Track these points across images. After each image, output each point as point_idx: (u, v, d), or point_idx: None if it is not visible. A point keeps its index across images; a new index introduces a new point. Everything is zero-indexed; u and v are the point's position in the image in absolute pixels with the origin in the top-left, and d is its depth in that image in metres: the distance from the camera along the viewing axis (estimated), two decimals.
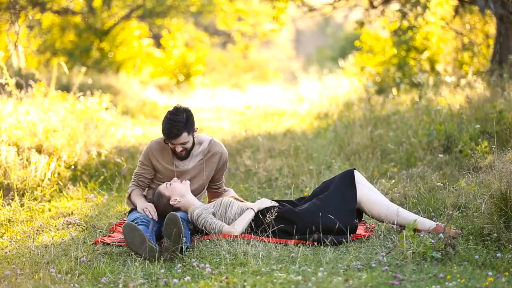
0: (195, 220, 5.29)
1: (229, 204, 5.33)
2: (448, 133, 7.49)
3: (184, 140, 5.44)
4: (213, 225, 5.22)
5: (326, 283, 4.20)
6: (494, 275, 4.31)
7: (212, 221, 5.23)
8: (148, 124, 12.60)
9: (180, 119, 5.39)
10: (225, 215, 5.30)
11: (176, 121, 5.38)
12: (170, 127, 5.39)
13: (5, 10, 9.51)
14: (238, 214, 5.29)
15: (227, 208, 5.31)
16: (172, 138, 5.43)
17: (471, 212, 5.36)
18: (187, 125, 5.41)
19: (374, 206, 5.26)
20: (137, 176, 5.66)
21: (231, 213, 5.29)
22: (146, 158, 5.63)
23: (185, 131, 5.41)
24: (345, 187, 5.29)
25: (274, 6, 13.51)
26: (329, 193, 5.28)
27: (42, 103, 8.76)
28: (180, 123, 5.39)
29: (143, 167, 5.64)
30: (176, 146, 5.48)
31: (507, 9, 10.00)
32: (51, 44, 17.39)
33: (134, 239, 4.86)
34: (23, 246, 5.23)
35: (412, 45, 12.62)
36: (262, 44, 28.41)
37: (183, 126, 5.39)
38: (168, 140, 5.46)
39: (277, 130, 10.34)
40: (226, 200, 5.37)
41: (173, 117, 5.40)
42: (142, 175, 5.65)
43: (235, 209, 5.31)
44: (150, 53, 19.24)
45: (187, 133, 5.42)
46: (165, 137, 5.46)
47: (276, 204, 5.29)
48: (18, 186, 6.74)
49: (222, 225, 5.21)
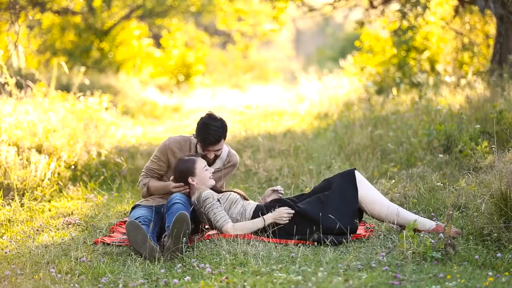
0: (201, 201, 5.24)
1: (235, 201, 5.33)
2: (448, 133, 7.48)
3: (220, 146, 5.49)
4: (218, 216, 5.20)
5: (326, 283, 4.20)
6: (494, 275, 4.31)
7: (218, 210, 5.20)
8: (148, 124, 12.60)
9: (218, 125, 5.43)
10: (228, 210, 5.29)
11: (216, 127, 5.41)
12: (209, 132, 5.40)
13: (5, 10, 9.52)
14: (239, 213, 5.28)
15: (231, 205, 5.31)
16: (212, 145, 5.43)
17: (471, 212, 5.36)
18: (224, 132, 5.48)
19: (374, 205, 5.26)
20: (149, 170, 5.65)
21: (234, 210, 5.29)
22: (163, 154, 5.62)
23: (223, 138, 5.49)
24: (346, 186, 5.28)
25: (274, 6, 13.51)
26: (330, 193, 5.27)
27: (42, 103, 8.76)
28: (220, 130, 5.43)
29: (158, 163, 5.62)
30: (210, 152, 5.48)
31: (507, 9, 10.00)
32: (51, 44, 17.39)
33: (137, 238, 4.87)
34: (23, 246, 5.23)
35: (412, 45, 12.62)
36: (262, 44, 28.41)
37: (222, 133, 5.45)
38: (207, 147, 5.44)
39: (277, 130, 10.34)
40: (233, 196, 5.36)
41: (213, 124, 5.42)
42: (154, 170, 5.64)
43: (239, 208, 5.30)
44: (150, 53, 19.25)
45: (223, 140, 5.51)
46: (204, 143, 5.43)
47: (293, 211, 5.21)
48: (18, 186, 6.74)
49: (226, 221, 5.19)
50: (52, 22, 17.40)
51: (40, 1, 15.87)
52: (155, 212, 5.42)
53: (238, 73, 23.09)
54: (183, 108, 15.21)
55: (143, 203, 5.62)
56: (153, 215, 5.37)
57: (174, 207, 5.17)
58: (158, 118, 13.52)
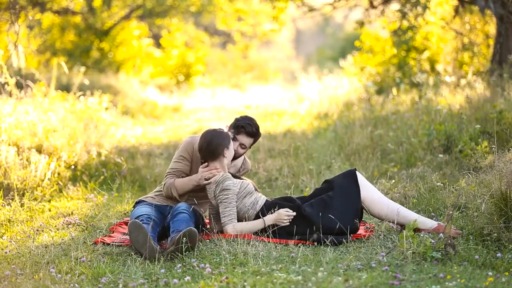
0: (220, 188, 5.24)
1: (250, 191, 5.34)
2: (448, 133, 7.48)
3: (247, 143, 5.64)
4: (226, 213, 5.20)
5: (326, 283, 4.20)
6: (494, 275, 4.31)
7: (229, 207, 5.21)
8: (148, 124, 12.60)
9: (258, 126, 5.66)
10: (243, 199, 5.30)
11: (256, 124, 5.65)
12: (251, 124, 5.59)
13: (5, 10, 9.52)
14: (252, 204, 5.29)
15: (248, 194, 5.32)
16: (247, 135, 5.59)
17: (471, 212, 5.36)
18: (258, 134, 5.69)
19: (374, 205, 5.27)
20: (177, 171, 5.55)
21: (248, 200, 5.30)
22: (189, 152, 5.56)
23: (256, 137, 5.68)
24: (349, 187, 5.30)
25: (274, 6, 13.51)
26: (334, 194, 5.28)
27: (42, 103, 8.76)
28: (258, 130, 5.66)
29: (183, 162, 5.55)
30: (236, 143, 5.59)
31: (507, 9, 10.00)
32: (51, 44, 17.40)
33: (138, 237, 4.88)
34: (23, 246, 5.23)
35: (412, 45, 12.61)
36: (262, 44, 28.42)
37: (258, 132, 5.66)
38: (240, 134, 5.58)
39: (277, 130, 10.34)
40: (250, 187, 5.37)
41: (255, 120, 5.66)
42: (181, 171, 5.56)
43: (252, 199, 5.33)
44: (150, 53, 19.26)
45: (254, 140, 5.67)
46: (243, 129, 5.56)
47: (293, 214, 5.23)
48: (18, 186, 6.74)
49: (231, 220, 5.19)
50: (52, 22, 17.40)
51: (40, 1, 15.88)
52: (158, 211, 5.42)
53: (238, 73, 23.10)
54: (183, 108, 15.21)
55: (147, 199, 5.61)
56: (155, 214, 5.36)
57: (180, 216, 5.17)
58: (158, 118, 13.52)
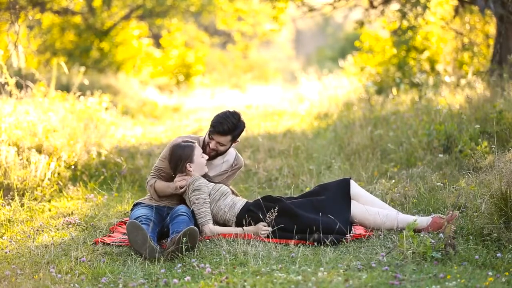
0: (191, 189, 5.29)
1: (225, 193, 5.38)
2: (448, 133, 7.48)
3: (224, 141, 5.55)
4: (200, 214, 5.23)
5: (326, 283, 4.20)
6: (494, 275, 4.31)
7: (203, 207, 5.24)
8: (148, 124, 12.59)
9: (234, 122, 5.51)
10: (217, 202, 5.34)
11: (232, 120, 5.50)
12: (223, 122, 5.48)
13: (5, 10, 9.51)
14: (228, 206, 5.32)
15: (221, 196, 5.36)
16: (218, 134, 5.51)
17: (471, 212, 5.36)
18: (235, 131, 5.55)
19: (365, 222, 5.34)
20: (158, 170, 5.66)
21: (223, 202, 5.34)
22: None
23: (231, 135, 5.54)
24: (340, 199, 5.33)
25: (274, 6, 13.51)
26: (323, 199, 5.31)
27: (42, 103, 8.76)
28: (232, 126, 5.51)
29: (166, 162, 5.61)
30: (212, 142, 5.55)
31: (507, 9, 10.00)
32: (51, 44, 17.39)
33: (137, 238, 4.88)
34: (23, 246, 5.23)
35: (412, 45, 12.61)
36: (262, 44, 28.41)
37: (233, 130, 5.53)
38: (213, 134, 5.52)
39: (277, 130, 10.33)
40: (224, 189, 5.41)
41: (231, 116, 5.52)
42: (163, 170, 5.64)
43: (228, 201, 5.36)
44: (150, 53, 19.25)
45: (231, 137, 5.56)
46: (213, 129, 5.51)
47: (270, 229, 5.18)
48: (18, 186, 6.74)
49: (208, 220, 5.22)
50: (52, 22, 17.40)
51: (40, 1, 15.87)
52: (157, 213, 5.42)
53: (238, 73, 23.09)
54: (183, 108, 15.21)
55: (145, 201, 5.62)
56: (154, 215, 5.37)
57: (179, 218, 5.19)
58: (158, 118, 13.52)
